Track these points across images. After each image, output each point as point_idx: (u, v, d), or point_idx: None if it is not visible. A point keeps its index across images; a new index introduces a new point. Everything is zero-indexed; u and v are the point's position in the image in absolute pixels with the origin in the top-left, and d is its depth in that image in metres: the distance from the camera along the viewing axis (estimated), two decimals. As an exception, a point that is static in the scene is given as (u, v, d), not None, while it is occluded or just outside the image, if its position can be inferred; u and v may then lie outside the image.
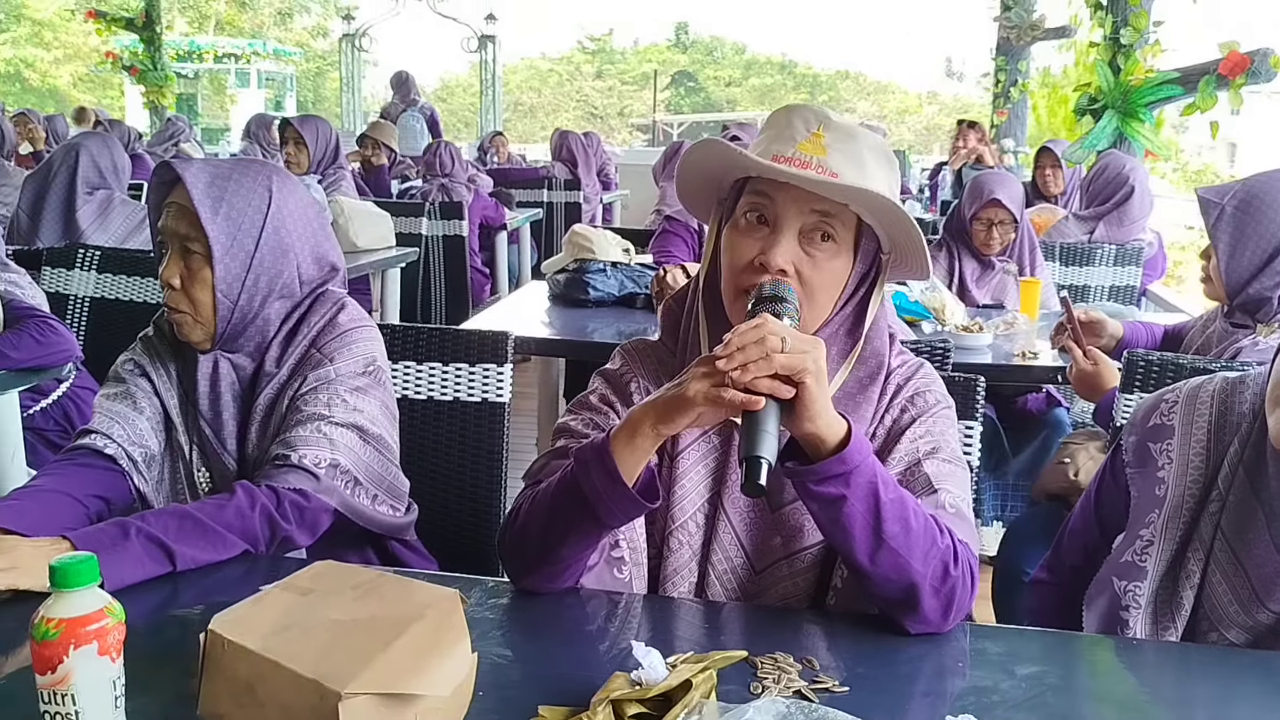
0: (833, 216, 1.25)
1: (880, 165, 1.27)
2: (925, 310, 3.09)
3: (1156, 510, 1.35)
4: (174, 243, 1.52)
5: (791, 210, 1.24)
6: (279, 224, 1.56)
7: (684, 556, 1.31)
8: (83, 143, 3.68)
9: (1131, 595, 1.34)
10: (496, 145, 9.88)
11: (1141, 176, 4.59)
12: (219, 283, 1.51)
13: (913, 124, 36.70)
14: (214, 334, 1.55)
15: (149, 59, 11.89)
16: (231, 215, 1.51)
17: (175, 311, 1.54)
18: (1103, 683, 1.17)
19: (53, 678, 0.85)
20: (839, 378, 1.30)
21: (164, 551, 1.31)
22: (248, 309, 1.55)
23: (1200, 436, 1.35)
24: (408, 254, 4.82)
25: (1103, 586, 1.38)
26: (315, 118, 5.23)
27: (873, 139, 1.28)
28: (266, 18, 35.40)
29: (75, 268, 3.20)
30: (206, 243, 1.50)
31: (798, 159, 1.22)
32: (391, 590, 0.99)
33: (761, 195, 1.26)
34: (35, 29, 30.78)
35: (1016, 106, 9.88)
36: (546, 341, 3.12)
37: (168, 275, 1.52)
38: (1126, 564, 1.36)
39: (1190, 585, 1.32)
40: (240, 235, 1.52)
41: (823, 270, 1.26)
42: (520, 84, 41.08)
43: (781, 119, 1.28)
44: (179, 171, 1.50)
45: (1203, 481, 1.33)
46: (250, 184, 1.54)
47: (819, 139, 1.24)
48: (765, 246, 1.24)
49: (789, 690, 1.06)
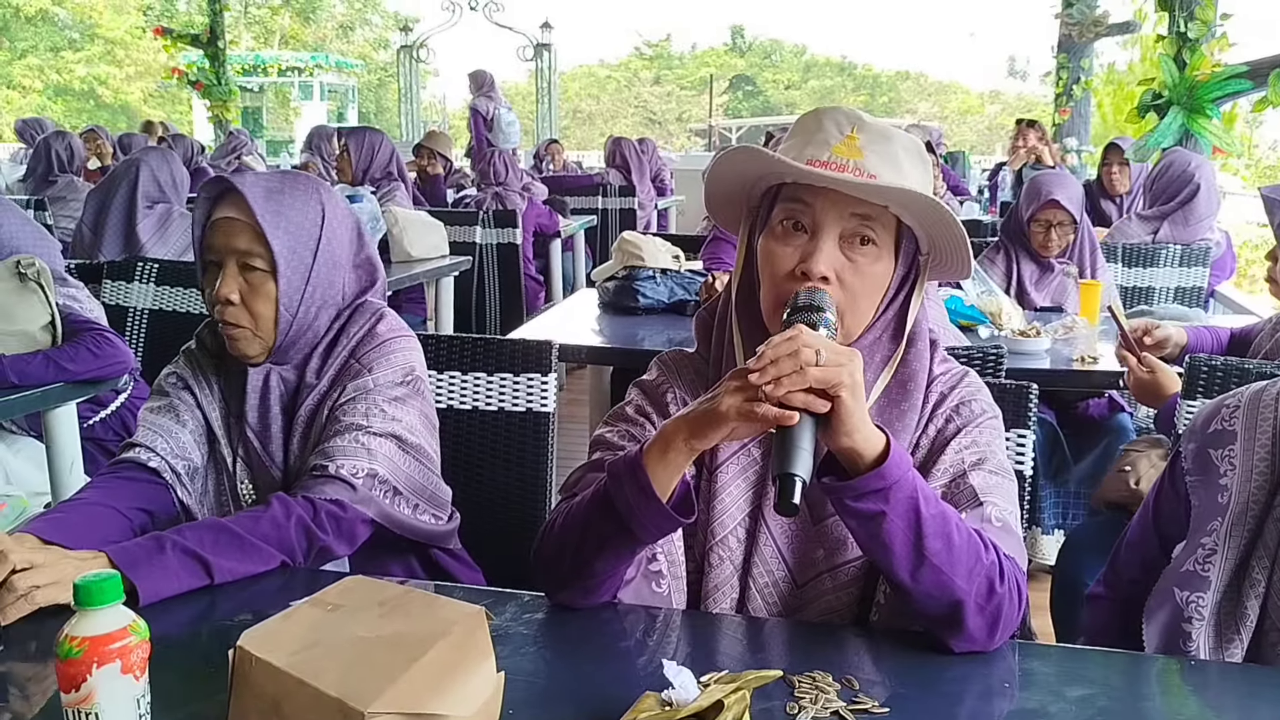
0: (873, 220, 1.22)
1: (915, 165, 1.24)
2: (981, 315, 3.02)
3: (1220, 518, 1.30)
4: (231, 258, 1.52)
5: (831, 215, 1.22)
6: (331, 237, 1.57)
7: (725, 572, 1.28)
8: (142, 158, 3.75)
9: (1194, 606, 1.29)
10: (552, 153, 9.93)
11: (1208, 174, 4.47)
12: (282, 296, 1.52)
13: (974, 124, 36.23)
14: (271, 347, 1.56)
15: (213, 74, 12.14)
16: (290, 229, 1.53)
17: (234, 327, 1.54)
18: (1159, 705, 1.12)
19: (76, 696, 0.85)
20: (880, 383, 1.27)
21: (201, 564, 1.31)
22: (304, 321, 1.56)
23: (1265, 441, 1.30)
24: (461, 262, 4.84)
25: (1163, 598, 1.33)
26: (368, 129, 5.28)
27: (906, 139, 1.25)
28: (329, 31, 36.04)
29: (134, 280, 3.27)
30: (270, 256, 1.51)
31: (834, 163, 1.20)
32: (418, 607, 0.98)
33: (798, 202, 1.23)
34: (108, 47, 31.67)
35: (1079, 105, 9.70)
36: (596, 350, 3.11)
37: (226, 291, 1.51)
38: (1188, 573, 1.31)
39: (1255, 595, 1.27)
40: (299, 248, 1.54)
41: (865, 275, 1.23)
42: (579, 91, 41.30)
43: (812, 122, 1.25)
44: (239, 187, 1.51)
45: (1268, 488, 1.28)
46: (304, 197, 1.56)
47: (853, 141, 1.21)
48: (805, 254, 1.22)
49: (826, 711, 1.03)
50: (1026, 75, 33.53)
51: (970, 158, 11.69)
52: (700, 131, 33.27)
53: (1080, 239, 3.46)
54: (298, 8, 34.64)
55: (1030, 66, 33.49)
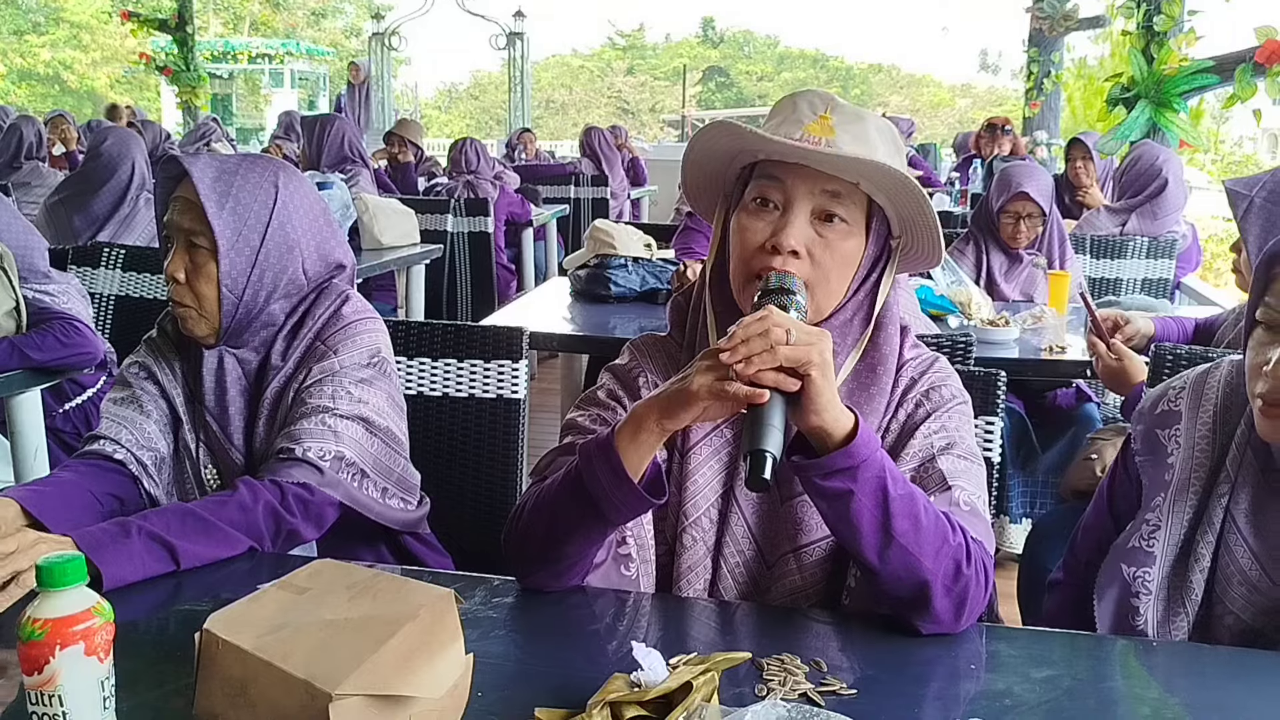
0: (844, 196, 1.23)
1: (887, 145, 1.25)
2: (951, 304, 3.04)
3: (1163, 494, 1.33)
4: (179, 237, 1.52)
5: (801, 190, 1.23)
6: (285, 220, 1.55)
7: (698, 554, 1.28)
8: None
9: (1141, 582, 1.32)
10: (524, 142, 9.88)
11: (1175, 168, 4.51)
12: (224, 277, 1.51)
13: (945, 117, 36.40)
14: (218, 329, 1.55)
15: (182, 59, 12.01)
16: (238, 210, 1.51)
17: (180, 306, 1.54)
18: (1120, 685, 1.14)
19: (40, 678, 0.84)
20: (849, 365, 1.28)
21: (166, 549, 1.30)
22: (252, 304, 1.54)
23: (1206, 419, 1.33)
24: (432, 251, 4.82)
25: (1112, 575, 1.35)
26: (322, 115, 5.29)
27: (879, 120, 1.27)
28: (300, 18, 35.70)
29: (100, 266, 3.22)
30: (212, 237, 1.49)
31: (807, 139, 1.21)
32: (386, 590, 0.98)
33: (770, 178, 1.25)
34: (73, 31, 31.22)
35: (1050, 98, 9.78)
36: (568, 338, 3.11)
37: (172, 269, 1.51)
38: (1134, 550, 1.34)
39: (1200, 569, 1.30)
40: (246, 230, 1.51)
41: (835, 251, 1.24)
42: (551, 81, 41.15)
43: (787, 104, 1.27)
44: (185, 166, 1.50)
45: (1208, 464, 1.32)
46: (257, 180, 1.53)
47: (826, 120, 1.22)
48: (776, 228, 1.23)
49: (795, 693, 1.03)
50: (998, 69, 33.76)
51: (941, 150, 11.75)
52: (673, 122, 33.26)
53: (1049, 230, 3.49)
54: (268, -6, 34.29)
55: (1002, 60, 33.73)
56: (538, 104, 32.80)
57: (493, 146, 11.51)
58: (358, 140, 5.20)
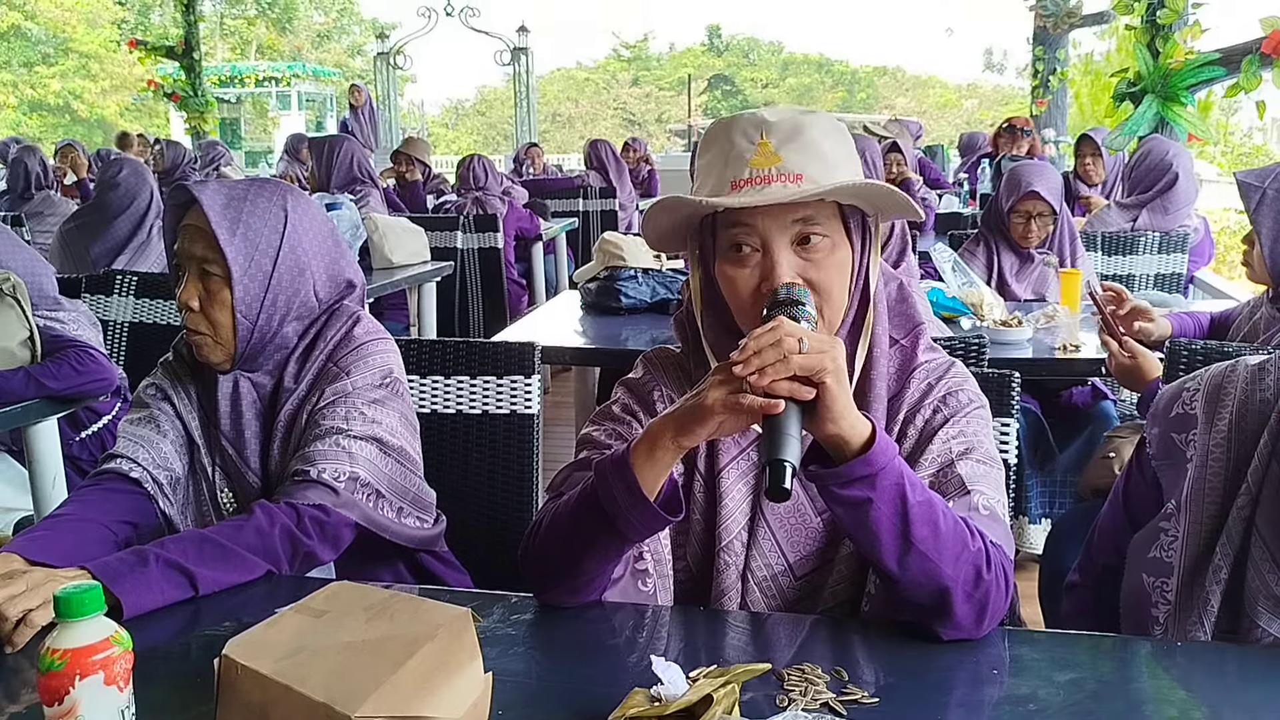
0: (814, 215, 1.21)
1: (835, 143, 1.23)
2: (963, 306, 3.03)
3: (1180, 501, 1.30)
4: (192, 265, 1.53)
5: (773, 228, 1.21)
6: (295, 243, 1.56)
7: (731, 576, 1.28)
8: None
9: (1160, 592, 1.29)
10: (531, 156, 9.92)
11: (1185, 162, 4.48)
12: (238, 303, 1.51)
13: (952, 118, 36.36)
14: (234, 354, 1.56)
15: (189, 85, 12.11)
16: (249, 236, 1.52)
17: (195, 333, 1.54)
18: (1146, 687, 1.13)
19: (60, 709, 0.85)
20: (861, 350, 1.28)
21: (185, 576, 1.30)
22: (266, 329, 1.55)
23: (1222, 428, 1.29)
24: (443, 268, 4.83)
25: (1134, 583, 1.33)
26: (330, 136, 5.31)
27: (817, 120, 1.23)
28: (305, 41, 35.94)
29: (114, 294, 3.24)
30: (225, 264, 1.50)
31: (757, 176, 1.19)
32: (404, 610, 0.98)
33: (738, 225, 1.22)
34: (82, 61, 31.50)
35: (1056, 96, 9.77)
36: (580, 351, 3.10)
37: (186, 298, 1.52)
38: (1154, 559, 1.31)
39: (1218, 583, 1.25)
40: (258, 255, 1.52)
41: (827, 268, 1.23)
42: (557, 94, 41.30)
43: (721, 138, 1.24)
44: (195, 193, 1.51)
45: (1224, 473, 1.28)
46: (266, 204, 1.54)
47: (766, 147, 1.20)
48: (764, 271, 1.22)
49: (816, 702, 1.02)
50: (1003, 68, 33.66)
51: (949, 151, 11.72)
52: (680, 132, 33.24)
53: (1060, 229, 3.48)
54: (274, 18, 34.55)
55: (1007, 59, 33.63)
56: (543, 118, 32.90)
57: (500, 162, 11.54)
58: (366, 160, 5.22)
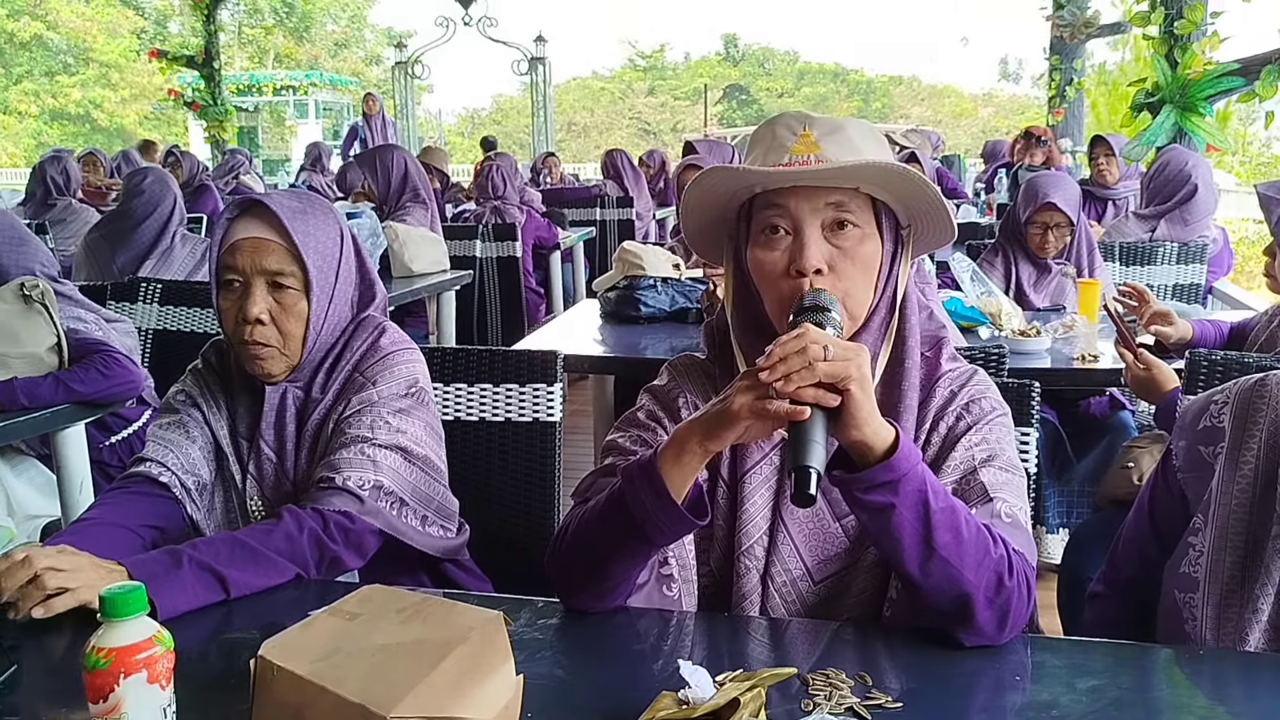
0: (848, 202, 1.25)
1: (871, 144, 1.27)
2: (981, 316, 3.04)
3: (1208, 517, 1.29)
4: (259, 278, 1.52)
5: (806, 209, 1.24)
6: (346, 254, 1.61)
7: (752, 581, 1.29)
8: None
9: (1189, 609, 1.29)
10: (549, 166, 9.96)
11: (1204, 173, 4.47)
12: (314, 315, 1.55)
13: (968, 127, 36.29)
14: (295, 365, 1.58)
15: (209, 94, 12.22)
16: (320, 249, 1.56)
17: (262, 346, 1.53)
18: (1167, 695, 1.13)
19: (104, 706, 0.87)
20: (883, 355, 1.29)
21: (216, 579, 1.32)
22: (329, 339, 1.59)
23: (1253, 447, 1.28)
24: (462, 277, 4.86)
25: (1166, 599, 1.33)
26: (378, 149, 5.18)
27: (857, 123, 1.29)
28: (322, 49, 36.15)
29: (139, 301, 3.28)
30: (304, 276, 1.53)
31: (796, 161, 1.24)
32: (436, 613, 1.00)
33: (773, 206, 1.26)
34: (103, 70, 31.79)
35: (1073, 105, 9.75)
36: (599, 359, 3.12)
37: (257, 311, 1.51)
38: (1183, 575, 1.31)
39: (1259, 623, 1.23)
40: (325, 267, 1.56)
41: (855, 258, 1.25)
42: (573, 104, 41.41)
43: (765, 133, 1.30)
44: (273, 207, 1.52)
45: (1252, 492, 1.26)
46: (324, 217, 1.59)
47: (808, 138, 1.25)
48: (794, 253, 1.24)
49: (841, 707, 1.04)
50: (1019, 77, 33.64)
51: (966, 160, 11.72)
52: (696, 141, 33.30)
53: (1078, 239, 3.48)
54: (291, 27, 34.77)
55: (1023, 69, 33.61)
56: (560, 127, 32.98)
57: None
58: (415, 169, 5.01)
